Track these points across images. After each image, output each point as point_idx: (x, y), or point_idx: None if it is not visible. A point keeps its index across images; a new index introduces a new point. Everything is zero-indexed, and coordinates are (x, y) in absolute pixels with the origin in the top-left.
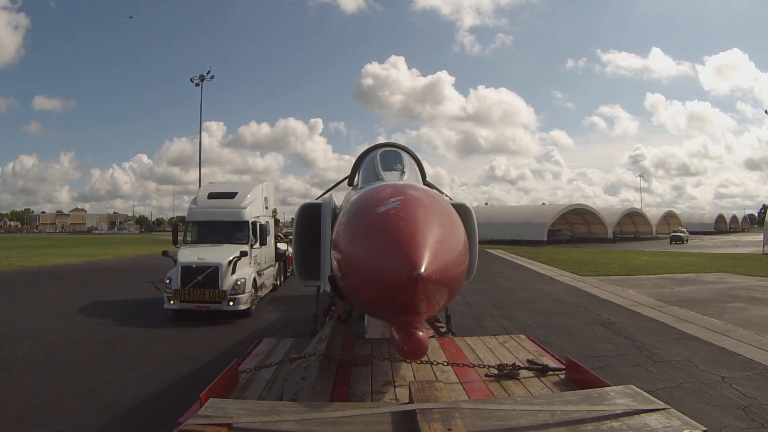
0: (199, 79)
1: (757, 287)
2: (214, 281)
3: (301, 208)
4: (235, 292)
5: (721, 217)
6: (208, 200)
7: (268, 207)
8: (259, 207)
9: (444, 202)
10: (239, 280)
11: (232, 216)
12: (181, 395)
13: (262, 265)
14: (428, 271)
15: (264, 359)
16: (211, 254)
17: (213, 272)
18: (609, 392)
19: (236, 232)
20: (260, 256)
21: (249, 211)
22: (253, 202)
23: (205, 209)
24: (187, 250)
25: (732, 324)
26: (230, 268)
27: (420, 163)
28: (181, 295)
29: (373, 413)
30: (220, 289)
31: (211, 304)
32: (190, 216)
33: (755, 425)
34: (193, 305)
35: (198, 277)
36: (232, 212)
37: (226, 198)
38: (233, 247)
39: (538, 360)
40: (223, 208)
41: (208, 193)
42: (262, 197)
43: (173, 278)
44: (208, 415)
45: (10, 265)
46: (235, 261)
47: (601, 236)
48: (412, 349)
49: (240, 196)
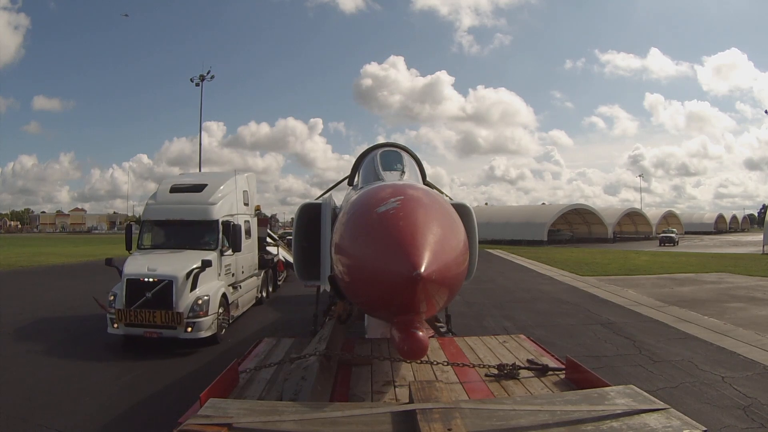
0: (199, 79)
1: (757, 287)
2: (167, 300)
3: (301, 208)
4: (194, 314)
5: (721, 217)
6: (169, 194)
7: (248, 203)
8: (234, 203)
9: (444, 202)
10: (201, 298)
11: (196, 214)
12: None
13: (239, 276)
14: (428, 271)
15: (264, 359)
16: (165, 264)
17: (165, 288)
18: (609, 392)
19: (203, 234)
20: (235, 264)
21: (219, 207)
22: (225, 197)
23: (165, 206)
24: (138, 258)
25: (732, 324)
26: (188, 283)
27: (420, 163)
28: (126, 316)
29: (373, 413)
30: (174, 310)
31: (164, 330)
32: (147, 214)
33: (755, 425)
34: (142, 331)
35: (146, 294)
36: (197, 209)
37: (192, 192)
38: (197, 254)
39: (538, 360)
40: (186, 204)
41: (171, 185)
42: (239, 191)
43: (118, 295)
44: (208, 415)
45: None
46: (196, 273)
47: (601, 236)
48: (412, 349)
49: (209, 190)
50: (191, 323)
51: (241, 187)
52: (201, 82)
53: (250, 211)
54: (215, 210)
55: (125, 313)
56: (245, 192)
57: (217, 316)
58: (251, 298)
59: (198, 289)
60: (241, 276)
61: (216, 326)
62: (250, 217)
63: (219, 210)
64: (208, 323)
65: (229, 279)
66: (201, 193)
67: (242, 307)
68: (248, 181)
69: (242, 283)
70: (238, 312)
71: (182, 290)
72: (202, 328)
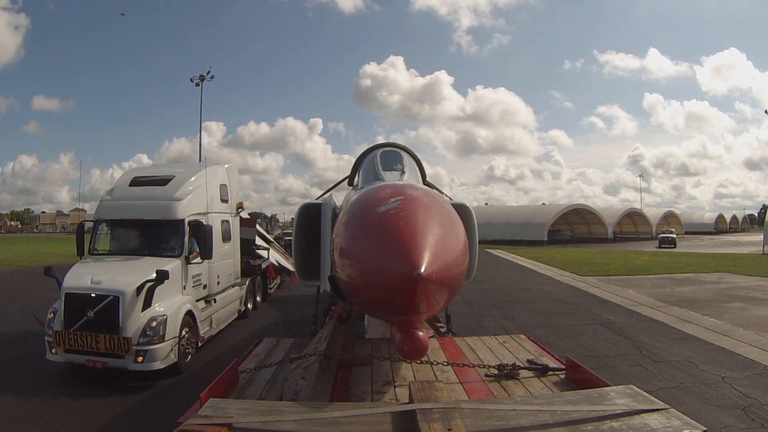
0: (199, 79)
1: (757, 287)
2: (112, 321)
3: (301, 208)
4: (146, 340)
5: (721, 217)
6: (128, 189)
7: (227, 200)
8: (207, 199)
9: (444, 202)
10: (155, 319)
11: (157, 212)
12: None
13: (213, 288)
14: (428, 271)
15: (264, 359)
16: (113, 275)
17: (110, 306)
18: (609, 392)
19: (165, 237)
20: (208, 274)
21: (187, 204)
22: (195, 192)
23: (121, 202)
24: (82, 267)
25: (732, 324)
26: (140, 299)
27: (420, 163)
28: (65, 340)
29: (373, 413)
30: (121, 335)
31: (110, 359)
32: (100, 212)
33: (755, 425)
34: (84, 358)
35: (88, 312)
36: (157, 206)
37: (155, 185)
38: (157, 262)
39: (538, 360)
40: (146, 200)
41: (132, 178)
42: (215, 185)
43: (57, 313)
44: (208, 415)
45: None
46: (150, 287)
47: (601, 236)
48: (412, 349)
49: (175, 183)
50: (142, 351)
51: (217, 180)
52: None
53: (231, 209)
54: (181, 207)
55: (64, 336)
56: (223, 186)
57: (178, 340)
58: (231, 312)
59: (153, 308)
60: (216, 288)
61: (177, 353)
62: (230, 216)
63: (186, 207)
64: (165, 351)
65: (198, 292)
66: (165, 187)
67: (219, 324)
68: (228, 173)
69: (218, 296)
70: (213, 331)
71: (131, 309)
72: (156, 357)
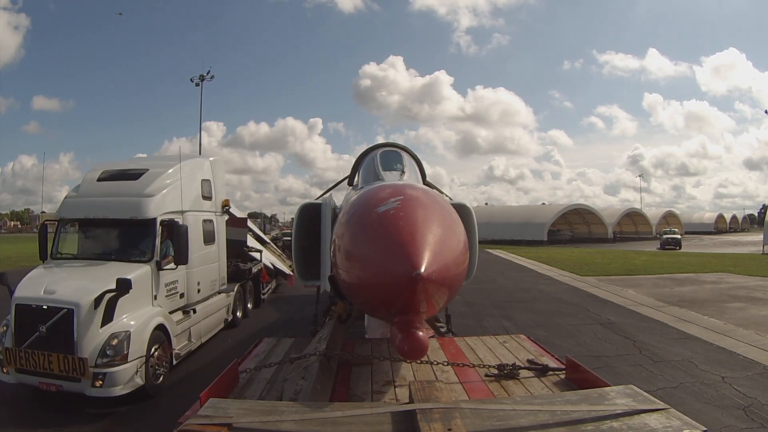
0: (199, 79)
1: (757, 287)
2: (66, 338)
3: (301, 208)
4: (106, 361)
5: (721, 217)
6: (96, 184)
7: (211, 197)
8: (185, 196)
9: (444, 202)
10: (116, 336)
11: (125, 209)
12: None
13: (192, 297)
14: (428, 271)
15: (264, 359)
16: (69, 283)
17: (64, 320)
18: (609, 392)
19: (134, 239)
20: (186, 281)
21: (160, 201)
22: (171, 188)
23: (88, 199)
24: (38, 275)
25: (732, 324)
26: (98, 313)
27: (420, 163)
28: (17, 358)
29: (373, 413)
30: (76, 354)
31: (65, 382)
32: (63, 210)
33: (755, 425)
34: (36, 380)
35: (40, 327)
36: (126, 203)
37: (125, 180)
38: (124, 267)
39: (538, 360)
40: (114, 196)
41: (101, 172)
42: (195, 180)
43: (9, 327)
44: (208, 415)
45: None
46: (111, 298)
47: (601, 236)
48: (412, 349)
49: (148, 178)
50: (101, 374)
51: (199, 174)
52: (201, 82)
53: (215, 208)
54: (152, 204)
55: (14, 353)
56: (206, 182)
57: (145, 360)
58: (216, 322)
59: (114, 322)
60: (196, 296)
61: (144, 375)
62: (214, 215)
63: (159, 204)
64: (129, 373)
65: (174, 302)
66: (136, 182)
67: (200, 338)
68: (213, 167)
69: (199, 306)
70: (193, 345)
71: (87, 324)
72: (118, 381)
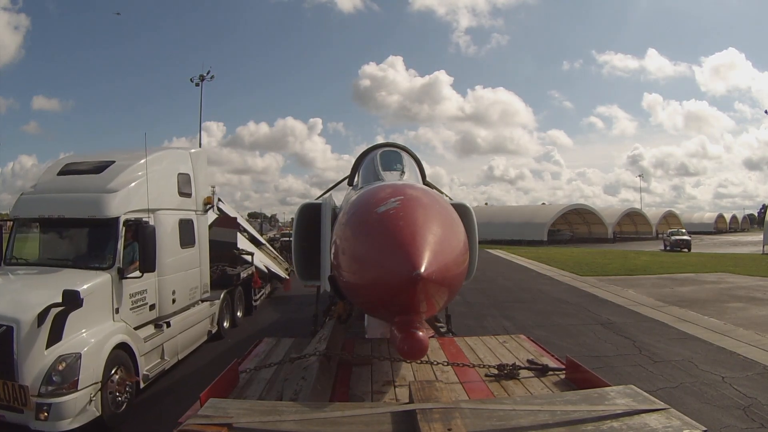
0: (199, 79)
1: (757, 287)
2: (5, 361)
3: (301, 208)
4: (52, 390)
5: (721, 217)
6: (56, 178)
7: (190, 193)
8: (158, 192)
9: (443, 201)
10: (64, 359)
11: (83, 208)
12: None
13: (166, 308)
14: (428, 271)
15: (264, 359)
16: (12, 295)
17: (1, 340)
18: (609, 392)
19: (94, 242)
20: (157, 290)
21: (124, 198)
22: (138, 183)
23: (45, 195)
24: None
25: (732, 324)
26: (42, 331)
27: (420, 163)
28: None
29: (373, 413)
30: (16, 381)
31: (7, 412)
32: (17, 208)
33: (755, 425)
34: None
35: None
36: (84, 201)
37: (87, 174)
38: (79, 275)
39: (538, 360)
40: (72, 192)
41: (63, 165)
42: (171, 174)
43: None
44: (208, 415)
45: None
46: (59, 313)
47: (601, 236)
48: (412, 349)
49: (112, 171)
50: (45, 405)
51: (175, 168)
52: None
53: (195, 206)
54: (114, 201)
55: None
56: (184, 176)
57: (101, 386)
58: (197, 335)
59: (63, 342)
60: (170, 307)
61: (100, 404)
62: (194, 213)
63: (122, 201)
64: (80, 403)
65: (141, 316)
66: (99, 176)
67: (176, 354)
68: (193, 160)
69: (175, 318)
70: (167, 363)
71: (29, 344)
72: (66, 413)
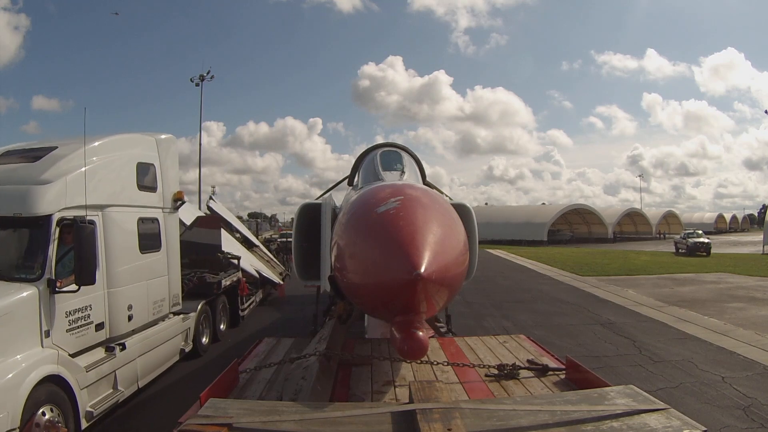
0: (199, 79)
1: (757, 287)
2: None
3: (301, 208)
4: None
5: (721, 217)
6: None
7: (155, 187)
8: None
9: (443, 201)
10: None
11: (7, 203)
12: None
13: (121, 326)
14: (428, 272)
15: (264, 359)
16: None
17: None
18: (609, 392)
19: (19, 246)
20: (107, 304)
21: (59, 191)
22: (80, 173)
23: None
24: None
25: (732, 324)
26: None
27: (420, 163)
28: None
29: (373, 413)
30: None
31: None
32: None
33: (755, 425)
34: None
35: None
36: (9, 194)
37: (21, 162)
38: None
39: (538, 360)
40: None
41: (3, 152)
42: (128, 164)
43: None
44: (208, 415)
45: None
46: None
47: (601, 236)
48: (412, 349)
49: (50, 159)
50: None
51: (133, 155)
52: (201, 82)
53: (162, 202)
54: (47, 195)
55: None
56: (146, 166)
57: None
58: (164, 356)
59: None
60: (125, 325)
61: None
62: (160, 211)
63: (58, 195)
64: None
65: (83, 338)
66: (33, 164)
67: (135, 381)
68: (159, 148)
69: (133, 338)
70: (123, 394)
71: None
72: None
